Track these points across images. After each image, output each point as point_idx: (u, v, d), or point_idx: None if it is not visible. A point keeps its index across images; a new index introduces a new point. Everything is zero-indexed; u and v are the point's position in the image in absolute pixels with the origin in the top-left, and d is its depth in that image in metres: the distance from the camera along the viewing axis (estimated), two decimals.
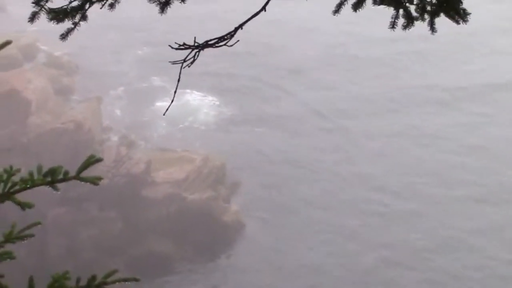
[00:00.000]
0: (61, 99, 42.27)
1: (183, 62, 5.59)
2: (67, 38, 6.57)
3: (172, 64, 5.66)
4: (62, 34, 6.59)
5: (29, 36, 46.78)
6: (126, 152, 38.05)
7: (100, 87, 45.39)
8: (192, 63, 5.56)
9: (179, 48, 5.59)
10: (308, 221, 38.01)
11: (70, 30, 6.48)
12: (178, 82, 5.76)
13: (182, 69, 5.58)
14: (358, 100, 47.01)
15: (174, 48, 5.59)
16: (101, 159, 5.96)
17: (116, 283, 5.19)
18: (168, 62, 5.69)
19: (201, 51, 5.63)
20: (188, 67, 5.56)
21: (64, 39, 6.53)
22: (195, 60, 5.56)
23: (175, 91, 6.07)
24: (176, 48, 5.58)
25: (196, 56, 5.58)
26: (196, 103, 45.85)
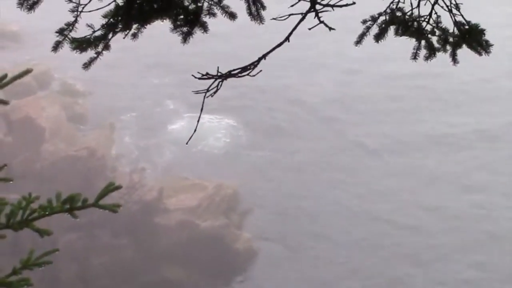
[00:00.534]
0: (74, 126, 42.56)
1: (206, 92, 5.66)
2: (89, 67, 6.65)
3: (195, 94, 5.74)
4: (85, 63, 6.68)
5: (43, 64, 47.14)
6: (139, 179, 38.16)
7: (112, 112, 45.54)
8: (215, 92, 5.63)
9: (202, 78, 5.65)
10: (323, 252, 37.54)
11: (93, 59, 6.56)
12: (201, 112, 5.82)
13: (205, 98, 5.65)
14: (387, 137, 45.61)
15: (197, 78, 5.66)
16: (120, 187, 6.01)
17: None
18: (192, 91, 5.76)
19: (224, 80, 5.70)
20: (211, 96, 5.63)
21: (86, 69, 6.62)
22: (218, 89, 5.63)
23: (198, 120, 6.13)
24: (199, 78, 5.65)
25: (219, 86, 5.65)
26: (211, 126, 45.48)
